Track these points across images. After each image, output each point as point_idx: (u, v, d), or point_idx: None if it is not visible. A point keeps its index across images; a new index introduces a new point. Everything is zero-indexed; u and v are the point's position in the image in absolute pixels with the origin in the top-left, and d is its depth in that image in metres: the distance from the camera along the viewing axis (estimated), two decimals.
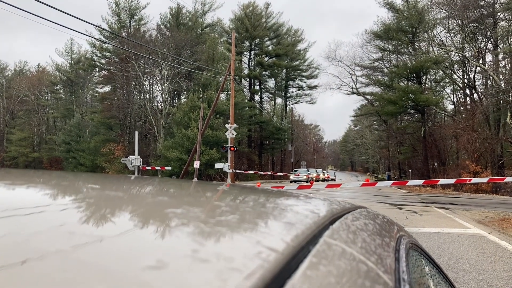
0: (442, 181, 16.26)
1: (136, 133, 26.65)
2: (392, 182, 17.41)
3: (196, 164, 30.70)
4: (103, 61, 54.66)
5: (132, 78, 46.80)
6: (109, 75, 51.62)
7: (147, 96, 48.16)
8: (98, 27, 35.01)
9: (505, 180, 18.48)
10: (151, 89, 49.43)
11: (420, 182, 16.49)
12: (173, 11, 50.48)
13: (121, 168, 41.04)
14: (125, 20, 50.94)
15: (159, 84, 48.01)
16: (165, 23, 51.01)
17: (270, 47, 62.23)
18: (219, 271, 0.39)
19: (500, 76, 34.63)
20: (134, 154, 24.89)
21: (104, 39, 49.46)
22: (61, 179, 1.15)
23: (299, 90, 68.94)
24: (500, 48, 36.33)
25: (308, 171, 49.16)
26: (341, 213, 0.78)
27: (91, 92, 64.94)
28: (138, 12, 51.43)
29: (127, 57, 44.31)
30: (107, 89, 54.79)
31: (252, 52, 62.23)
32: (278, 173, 48.21)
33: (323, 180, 55.14)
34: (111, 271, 0.38)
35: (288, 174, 46.72)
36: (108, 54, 52.27)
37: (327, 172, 75.40)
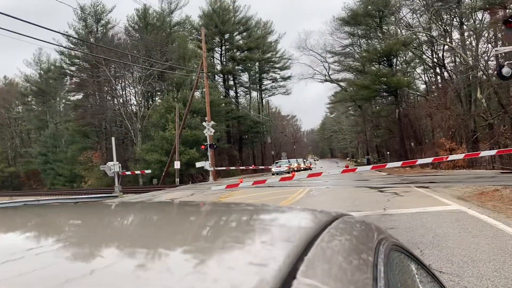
0: (420, 161, 16.61)
1: (113, 138, 26.30)
2: (371, 166, 17.68)
3: (177, 165, 30.58)
4: (73, 68, 53.71)
5: (104, 83, 46.13)
6: (80, 82, 50.79)
7: (121, 100, 47.57)
8: (65, 34, 34.41)
9: (480, 155, 18.97)
10: (124, 93, 48.82)
11: (399, 164, 16.80)
12: (140, 12, 49.82)
13: (101, 176, 40.50)
14: (92, 25, 50.09)
15: (131, 87, 47.48)
16: (133, 25, 50.36)
17: (241, 41, 62.14)
18: None
19: (468, 53, 35.36)
20: (112, 160, 24.56)
21: (72, 46, 48.58)
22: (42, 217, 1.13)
23: (273, 82, 69.21)
24: (465, 25, 37.03)
25: (289, 162, 49.33)
26: (316, 232, 0.73)
27: (63, 100, 63.75)
28: (104, 16, 50.63)
29: (97, 62, 43.62)
30: (79, 96, 53.96)
31: (223, 47, 62.04)
32: (260, 167, 48.39)
33: (305, 169, 55.48)
34: None
35: (270, 167, 46.84)
36: (77, 61, 51.36)
37: (308, 161, 75.88)
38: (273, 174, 39.36)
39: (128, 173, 31.64)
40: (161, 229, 0.90)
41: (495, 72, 20.18)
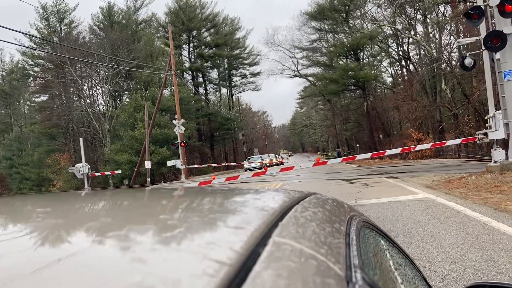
0: (389, 152, 16.88)
1: (81, 140, 25.78)
2: (342, 158, 17.88)
3: (147, 164, 30.17)
4: (36, 69, 52.15)
5: (69, 84, 45.04)
6: (45, 83, 49.35)
7: (88, 100, 46.56)
8: (27, 34, 33.27)
9: (446, 144, 19.47)
10: (91, 93, 47.81)
11: (368, 155, 17.05)
12: (105, 11, 48.87)
13: (70, 178, 39.58)
14: (55, 25, 48.75)
15: (98, 87, 46.55)
16: (97, 23, 49.33)
17: (208, 38, 61.73)
18: None
19: (432, 45, 36.19)
20: (81, 162, 24.06)
21: (35, 46, 47.17)
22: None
23: (242, 78, 69.20)
24: (428, 19, 37.88)
25: (261, 157, 49.50)
26: (290, 205, 0.76)
27: (28, 102, 61.92)
28: (67, 15, 49.32)
29: (61, 62, 42.51)
30: (44, 97, 52.44)
31: (191, 44, 61.54)
32: (232, 163, 48.31)
33: (277, 164, 55.78)
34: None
35: (242, 163, 46.87)
36: (41, 61, 49.89)
37: (279, 156, 76.30)
38: (245, 170, 39.40)
39: (98, 174, 31.08)
40: (141, 209, 0.94)
41: (458, 63, 20.75)
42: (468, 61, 12.93)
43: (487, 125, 12.40)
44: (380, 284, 0.68)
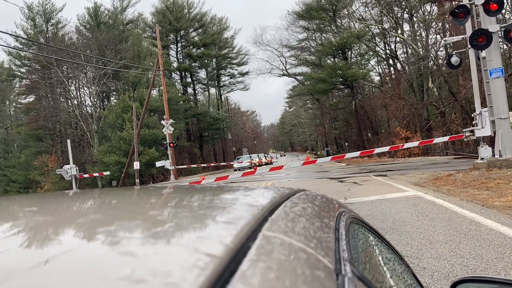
0: (377, 150, 16.97)
1: (68, 141, 25.58)
2: (331, 157, 17.95)
3: (136, 165, 29.99)
4: (23, 69, 51.53)
5: (56, 85, 44.59)
6: (31, 84, 48.80)
7: (75, 101, 46.16)
8: (13, 34, 32.84)
9: (433, 142, 19.65)
10: (78, 93, 47.41)
11: (357, 153, 17.13)
12: (91, 11, 48.47)
13: (58, 180, 39.21)
14: (42, 25, 48.24)
15: (86, 88, 46.16)
16: (84, 24, 48.91)
17: (196, 38, 61.50)
18: None
19: (418, 44, 36.48)
20: (69, 164, 23.86)
21: (20, 47, 46.60)
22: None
23: (231, 78, 69.07)
24: (415, 17, 38.18)
25: (250, 157, 49.50)
26: (279, 201, 0.77)
27: (14, 104, 61.15)
28: (54, 15, 48.85)
29: (48, 63, 42.07)
30: (31, 99, 51.86)
31: (179, 44, 61.27)
32: (221, 163, 48.23)
33: (266, 164, 55.84)
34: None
35: (232, 163, 46.82)
36: (27, 62, 49.31)
37: (269, 156, 76.37)
38: (235, 170, 39.36)
39: (86, 176, 30.79)
40: (133, 206, 0.95)
41: (445, 61, 20.92)
42: (454, 59, 13.05)
43: (473, 122, 12.53)
44: (369, 278, 0.69)
